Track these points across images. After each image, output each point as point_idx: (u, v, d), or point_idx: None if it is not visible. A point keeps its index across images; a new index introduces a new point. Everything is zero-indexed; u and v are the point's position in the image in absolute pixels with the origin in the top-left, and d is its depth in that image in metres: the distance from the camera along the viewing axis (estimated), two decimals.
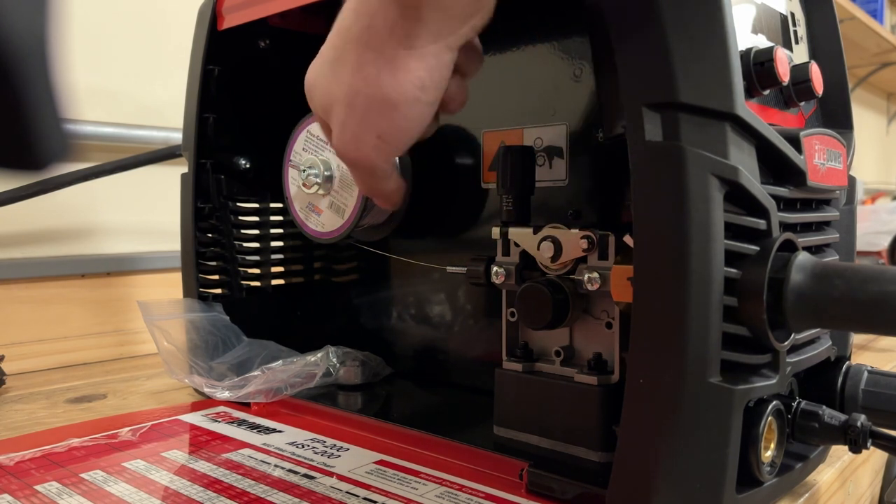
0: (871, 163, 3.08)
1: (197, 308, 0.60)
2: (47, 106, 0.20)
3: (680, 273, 0.33)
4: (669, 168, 0.34)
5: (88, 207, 0.78)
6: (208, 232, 0.63)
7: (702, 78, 0.34)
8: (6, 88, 0.19)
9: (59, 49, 0.20)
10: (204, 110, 0.61)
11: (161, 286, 0.80)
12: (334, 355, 0.57)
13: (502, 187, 0.45)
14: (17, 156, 0.21)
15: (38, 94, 0.20)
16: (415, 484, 0.40)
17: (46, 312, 0.73)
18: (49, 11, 0.20)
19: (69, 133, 0.21)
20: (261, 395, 0.53)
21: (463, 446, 0.44)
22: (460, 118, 0.57)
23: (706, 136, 0.35)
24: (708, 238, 0.34)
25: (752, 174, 0.36)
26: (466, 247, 0.56)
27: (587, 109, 0.48)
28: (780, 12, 0.43)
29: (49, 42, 0.20)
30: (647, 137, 0.34)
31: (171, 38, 0.84)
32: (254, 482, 0.41)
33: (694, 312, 0.33)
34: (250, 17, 0.57)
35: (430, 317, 0.60)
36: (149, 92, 0.83)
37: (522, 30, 0.52)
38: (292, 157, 0.56)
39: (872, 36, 2.11)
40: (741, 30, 0.38)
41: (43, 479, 0.41)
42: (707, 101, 0.34)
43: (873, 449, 0.37)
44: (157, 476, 0.42)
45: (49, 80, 0.20)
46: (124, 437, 0.48)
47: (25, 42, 0.19)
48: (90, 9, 0.77)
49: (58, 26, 0.20)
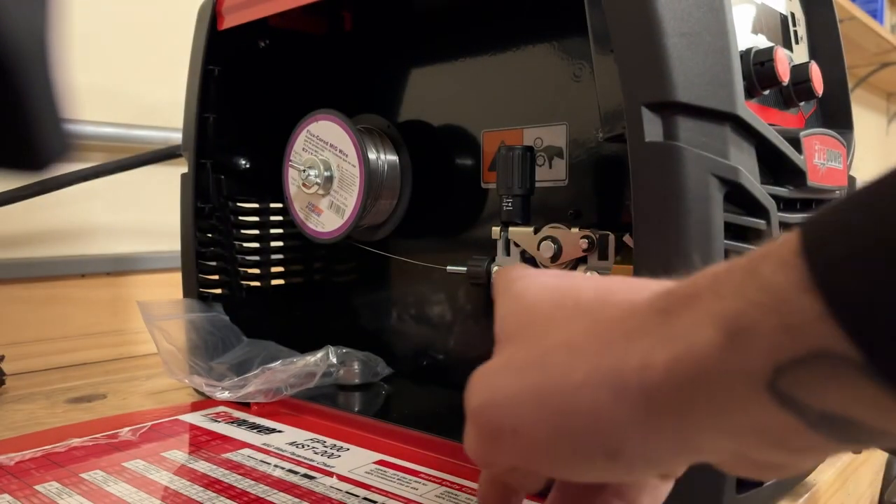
0: (871, 163, 3.07)
1: (197, 308, 0.60)
2: (47, 106, 0.20)
3: (680, 273, 0.33)
4: (669, 168, 0.34)
5: (88, 207, 0.78)
6: (208, 232, 0.63)
7: (702, 78, 0.34)
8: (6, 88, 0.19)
9: (59, 49, 0.20)
10: (204, 110, 0.61)
11: (161, 286, 0.80)
12: (334, 355, 0.57)
13: (502, 187, 0.45)
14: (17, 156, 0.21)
15: (37, 93, 0.20)
16: (415, 484, 0.40)
17: (46, 312, 0.73)
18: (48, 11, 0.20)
19: (69, 133, 0.21)
20: (261, 395, 0.53)
21: (463, 446, 0.44)
22: (460, 118, 0.57)
23: (706, 137, 0.35)
24: (708, 238, 0.34)
25: (752, 174, 0.36)
26: (466, 247, 0.56)
27: (587, 109, 0.48)
28: (780, 12, 0.43)
29: (49, 42, 0.20)
30: (647, 138, 0.34)
31: (171, 38, 0.84)
32: (254, 482, 0.41)
33: None
34: (250, 16, 0.57)
35: (430, 317, 0.60)
36: (149, 92, 0.83)
37: (522, 29, 0.52)
38: (292, 157, 0.56)
39: (872, 36, 2.11)
40: (741, 30, 0.38)
41: (43, 479, 0.41)
42: (707, 101, 0.34)
43: (873, 449, 0.37)
44: (157, 476, 0.41)
45: (49, 80, 0.20)
46: (124, 437, 0.48)
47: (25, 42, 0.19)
48: (90, 8, 0.77)
49: (57, 26, 0.20)
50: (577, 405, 0.25)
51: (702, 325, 0.22)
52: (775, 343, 0.20)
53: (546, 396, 0.26)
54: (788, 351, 0.20)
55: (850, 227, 0.19)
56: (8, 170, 0.21)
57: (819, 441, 0.21)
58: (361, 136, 0.52)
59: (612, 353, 0.25)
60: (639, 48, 0.35)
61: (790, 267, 0.20)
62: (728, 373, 0.21)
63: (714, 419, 0.23)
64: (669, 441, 0.24)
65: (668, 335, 0.23)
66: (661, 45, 0.34)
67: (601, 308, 0.27)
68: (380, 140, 0.55)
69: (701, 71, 0.34)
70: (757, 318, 0.20)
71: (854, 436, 0.21)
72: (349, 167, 0.52)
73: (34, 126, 0.20)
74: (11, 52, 0.19)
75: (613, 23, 0.35)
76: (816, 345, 0.19)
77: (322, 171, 0.53)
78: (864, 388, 0.19)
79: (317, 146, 0.54)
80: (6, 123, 0.20)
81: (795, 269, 0.20)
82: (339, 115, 0.53)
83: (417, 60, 0.60)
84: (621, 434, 0.24)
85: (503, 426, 0.27)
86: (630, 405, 0.24)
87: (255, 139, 0.64)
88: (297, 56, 0.65)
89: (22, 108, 0.20)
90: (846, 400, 0.20)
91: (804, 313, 0.19)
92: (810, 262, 0.19)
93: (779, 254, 0.21)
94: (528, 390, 0.27)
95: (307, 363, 0.55)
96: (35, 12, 0.20)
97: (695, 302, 0.23)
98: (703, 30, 0.35)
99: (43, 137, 0.21)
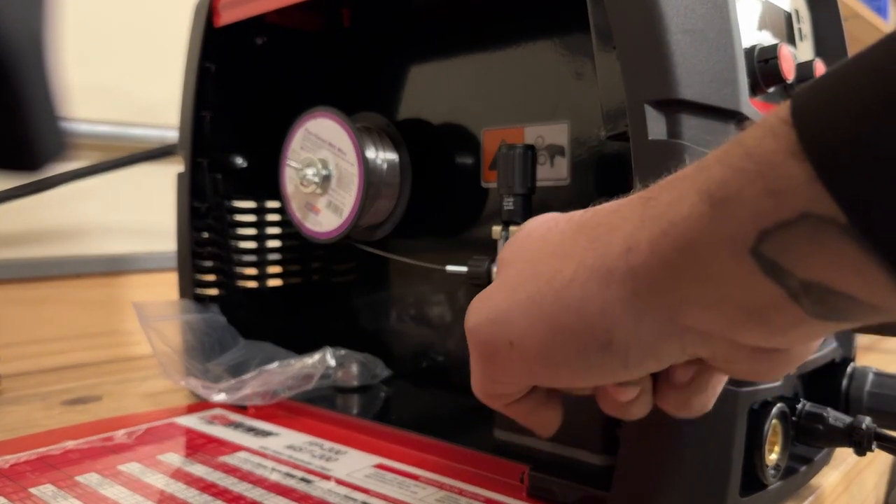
0: None
1: (193, 309, 0.60)
2: (43, 105, 0.20)
3: None
4: (673, 166, 0.33)
5: (83, 207, 0.78)
6: (204, 232, 0.62)
7: (706, 75, 0.34)
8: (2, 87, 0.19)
9: (54, 47, 0.20)
10: (200, 108, 0.60)
11: (156, 287, 0.80)
12: (332, 357, 0.56)
13: (503, 186, 0.45)
14: (12, 155, 0.20)
15: (33, 92, 0.20)
16: (414, 488, 0.40)
17: (41, 313, 0.73)
18: (44, 10, 0.20)
19: (64, 132, 0.21)
20: (258, 397, 0.53)
21: (463, 449, 0.44)
22: (461, 116, 0.56)
23: (710, 135, 0.34)
24: None
25: None
26: (466, 247, 0.56)
27: (589, 107, 0.48)
28: (785, 9, 0.43)
29: (44, 41, 0.20)
30: (651, 136, 0.34)
31: (166, 36, 0.83)
32: (250, 486, 0.40)
33: None
34: (247, 13, 0.56)
35: (429, 318, 0.60)
36: (144, 90, 0.83)
37: (524, 27, 0.52)
38: (290, 155, 0.55)
39: (877, 33, 2.10)
40: (745, 26, 0.38)
41: (38, 482, 0.40)
42: (711, 99, 0.34)
43: (878, 451, 0.37)
44: (153, 479, 0.41)
45: (44, 79, 0.20)
46: (119, 440, 0.48)
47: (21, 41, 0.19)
48: (85, 6, 0.77)
49: (52, 24, 0.20)
50: (566, 302, 0.26)
51: (685, 198, 0.23)
52: (760, 208, 0.21)
53: (537, 303, 0.27)
54: (773, 215, 0.20)
55: (837, 95, 0.20)
56: (3, 169, 0.21)
57: (801, 316, 0.22)
58: (360, 134, 0.52)
59: (597, 247, 0.26)
60: (642, 45, 0.34)
61: (778, 134, 0.20)
62: (713, 240, 0.22)
63: (700, 291, 0.23)
64: (658, 322, 0.24)
65: (651, 215, 0.24)
66: (665, 42, 0.33)
67: (591, 216, 0.28)
68: (379, 138, 0.54)
69: (705, 68, 0.34)
70: (742, 183, 0.21)
71: (834, 309, 0.21)
72: (347, 166, 0.52)
73: (29, 125, 0.20)
74: (7, 51, 0.19)
75: (616, 19, 0.35)
76: (801, 207, 0.20)
77: (320, 169, 0.53)
78: (846, 252, 0.19)
79: (315, 144, 0.54)
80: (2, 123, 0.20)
81: (783, 136, 0.20)
82: (337, 112, 0.52)
83: (417, 57, 0.60)
84: (610, 322, 0.25)
85: (500, 340, 0.28)
86: (617, 290, 0.25)
87: (251, 137, 0.64)
88: (295, 53, 0.65)
89: (17, 107, 0.20)
90: (827, 266, 0.20)
91: (791, 178, 0.20)
92: (799, 128, 0.20)
93: (765, 124, 0.21)
94: (520, 301, 0.27)
95: (305, 365, 0.54)
96: (30, 11, 0.20)
97: (678, 181, 0.24)
98: (707, 26, 0.34)
99: (38, 137, 0.21)
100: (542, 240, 0.29)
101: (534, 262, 0.28)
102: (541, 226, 0.30)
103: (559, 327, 0.26)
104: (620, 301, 0.25)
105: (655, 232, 0.23)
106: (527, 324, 0.27)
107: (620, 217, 0.26)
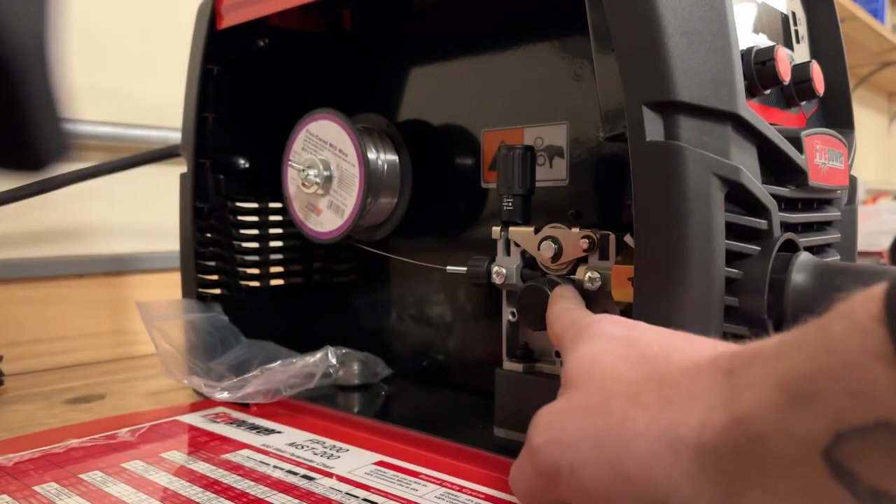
0: (873, 163, 3.08)
1: (195, 308, 0.60)
2: (46, 106, 0.20)
3: (681, 273, 0.33)
4: (670, 168, 0.34)
5: (87, 207, 0.78)
6: (207, 232, 0.62)
7: (703, 77, 0.34)
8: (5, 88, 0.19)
9: (58, 48, 0.20)
10: (203, 110, 0.60)
11: (160, 286, 0.80)
12: (334, 356, 0.56)
13: (502, 187, 0.45)
14: (15, 156, 0.21)
15: (36, 93, 0.20)
16: (414, 485, 0.40)
17: (45, 312, 0.73)
18: (47, 11, 0.20)
19: (67, 133, 0.21)
20: (260, 395, 0.53)
21: (463, 447, 0.44)
22: (460, 117, 0.57)
23: (707, 136, 0.34)
24: (709, 238, 0.34)
25: (754, 174, 0.36)
26: (466, 247, 0.56)
27: (588, 109, 0.48)
28: (782, 11, 0.43)
29: (47, 41, 0.20)
30: (648, 137, 0.34)
31: (169, 38, 0.84)
32: (253, 483, 0.40)
33: (695, 312, 0.33)
34: (250, 15, 0.57)
35: (430, 317, 0.60)
36: (147, 91, 0.83)
37: (523, 28, 0.52)
38: (291, 156, 0.56)
39: (873, 35, 2.11)
40: (742, 29, 0.38)
41: (42, 480, 0.41)
42: (708, 101, 0.34)
43: None
44: (156, 477, 0.41)
45: (48, 80, 0.20)
46: (123, 438, 0.48)
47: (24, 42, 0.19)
48: (88, 8, 0.77)
49: (56, 26, 0.20)
50: (633, 452, 0.26)
51: (764, 385, 0.22)
52: (840, 409, 0.20)
53: (606, 440, 0.27)
54: (852, 418, 0.19)
55: None
56: (7, 170, 0.21)
57: None
58: (361, 135, 0.52)
59: (672, 410, 0.26)
60: (640, 47, 0.34)
61: (867, 332, 0.19)
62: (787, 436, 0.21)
63: (765, 481, 0.23)
64: (718, 495, 0.24)
65: (729, 396, 0.24)
66: (662, 45, 0.34)
67: (665, 363, 0.28)
68: (379, 139, 0.54)
69: (702, 70, 0.34)
70: (824, 382, 0.20)
71: None
72: (349, 167, 0.52)
73: (33, 126, 0.20)
74: (10, 51, 0.19)
75: (614, 21, 0.35)
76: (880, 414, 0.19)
77: (321, 170, 0.53)
78: None
79: (316, 146, 0.54)
80: (5, 123, 0.20)
81: (872, 336, 0.19)
82: (338, 114, 0.53)
83: (417, 59, 0.60)
84: (671, 486, 0.25)
85: (563, 464, 0.28)
86: (685, 459, 0.25)
87: (254, 139, 0.64)
88: (297, 55, 0.65)
89: (21, 108, 0.20)
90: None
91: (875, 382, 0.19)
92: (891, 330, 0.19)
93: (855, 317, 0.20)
94: (589, 433, 0.28)
95: (306, 364, 0.55)
96: (34, 12, 0.20)
97: (759, 361, 0.23)
98: (704, 29, 0.35)
99: (42, 137, 0.21)
100: (613, 369, 0.29)
101: (605, 395, 0.28)
102: (614, 349, 0.30)
103: (622, 474, 0.26)
104: (685, 470, 0.25)
105: (731, 416, 0.23)
106: (592, 456, 0.27)
107: (700, 387, 0.26)
